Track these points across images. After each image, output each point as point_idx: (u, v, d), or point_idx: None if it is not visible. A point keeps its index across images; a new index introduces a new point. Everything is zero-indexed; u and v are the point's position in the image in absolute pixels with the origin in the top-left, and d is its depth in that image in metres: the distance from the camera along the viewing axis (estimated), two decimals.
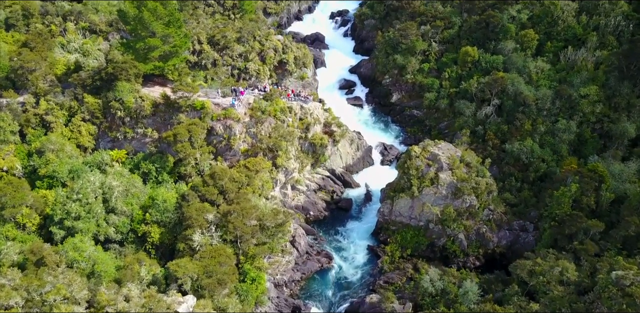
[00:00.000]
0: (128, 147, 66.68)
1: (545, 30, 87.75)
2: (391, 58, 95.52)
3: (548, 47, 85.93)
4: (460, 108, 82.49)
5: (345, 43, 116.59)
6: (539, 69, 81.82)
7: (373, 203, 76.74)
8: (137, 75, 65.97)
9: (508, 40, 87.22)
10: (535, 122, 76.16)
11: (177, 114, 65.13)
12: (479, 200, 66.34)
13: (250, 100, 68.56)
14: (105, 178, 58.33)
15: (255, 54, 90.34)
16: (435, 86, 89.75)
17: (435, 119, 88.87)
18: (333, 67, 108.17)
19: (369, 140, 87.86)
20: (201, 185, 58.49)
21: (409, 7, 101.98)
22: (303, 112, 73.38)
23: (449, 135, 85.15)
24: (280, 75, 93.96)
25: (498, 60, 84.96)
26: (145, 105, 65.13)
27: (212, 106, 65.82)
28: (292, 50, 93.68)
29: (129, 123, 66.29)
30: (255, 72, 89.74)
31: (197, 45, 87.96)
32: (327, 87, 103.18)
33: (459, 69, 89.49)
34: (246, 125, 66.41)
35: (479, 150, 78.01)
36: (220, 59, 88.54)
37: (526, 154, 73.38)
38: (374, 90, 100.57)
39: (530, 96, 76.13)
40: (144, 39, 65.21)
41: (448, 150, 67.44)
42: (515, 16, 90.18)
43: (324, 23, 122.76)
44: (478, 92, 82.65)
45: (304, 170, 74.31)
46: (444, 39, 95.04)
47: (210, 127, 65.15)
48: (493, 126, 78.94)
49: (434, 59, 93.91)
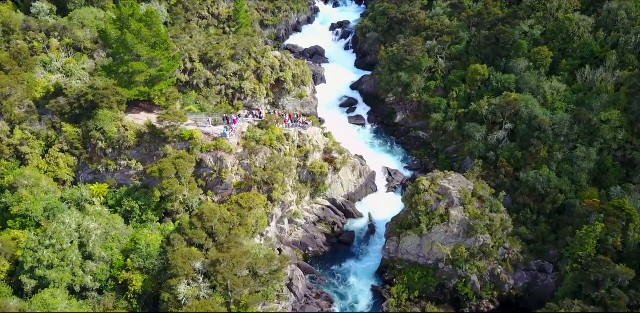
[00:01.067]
0: (110, 180, 61.17)
1: (560, 46, 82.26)
2: (395, 75, 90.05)
3: (563, 65, 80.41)
4: (470, 131, 76.91)
5: (346, 57, 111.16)
6: (554, 90, 76.28)
7: (377, 236, 71.14)
8: (121, 102, 60.51)
9: (520, 57, 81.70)
10: (551, 148, 70.62)
11: (163, 145, 59.64)
12: (493, 238, 60.77)
13: (244, 128, 63.06)
14: (83, 220, 52.74)
15: (250, 72, 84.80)
16: (442, 106, 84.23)
17: (442, 142, 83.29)
18: (333, 83, 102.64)
19: (371, 163, 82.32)
20: (188, 227, 52.93)
21: (414, 20, 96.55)
22: (301, 139, 67.89)
23: (458, 160, 79.66)
24: (278, 94, 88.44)
25: (510, 79, 79.43)
26: (128, 135, 59.62)
27: (201, 136, 60.31)
28: (290, 67, 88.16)
29: (111, 154, 60.79)
30: (251, 91, 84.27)
31: (188, 63, 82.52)
32: (328, 104, 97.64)
33: (468, 88, 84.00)
34: (239, 157, 60.89)
35: (491, 178, 72.50)
36: (214, 78, 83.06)
37: (542, 184, 67.78)
38: (376, 108, 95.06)
39: (547, 121, 70.58)
40: (128, 62, 59.72)
41: (459, 183, 61.88)
42: (527, 32, 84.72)
43: (324, 35, 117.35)
44: (489, 115, 77.11)
45: (302, 201, 68.78)
46: (452, 55, 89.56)
47: (200, 160, 59.63)
48: (506, 152, 73.38)
49: (441, 77, 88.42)
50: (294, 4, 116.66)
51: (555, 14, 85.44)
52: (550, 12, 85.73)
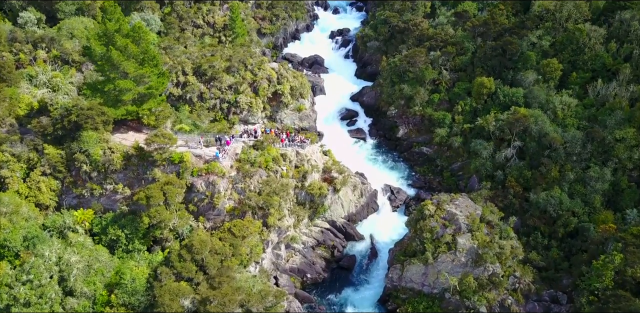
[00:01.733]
0: (96, 205, 57.49)
1: (570, 58, 78.62)
2: (397, 87, 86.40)
3: (573, 78, 76.78)
4: (476, 148, 73.27)
5: (346, 66, 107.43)
6: (564, 105, 72.60)
7: (379, 260, 67.48)
8: (106, 122, 56.83)
9: (528, 70, 78.06)
10: (563, 168, 66.97)
11: (151, 168, 55.99)
12: (503, 267, 57.11)
13: (238, 149, 59.41)
14: (64, 252, 49.07)
15: (246, 85, 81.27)
16: (446, 121, 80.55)
17: (447, 158, 79.61)
18: (333, 94, 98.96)
19: (373, 180, 78.65)
20: (176, 260, 49.27)
21: (416, 30, 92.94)
22: (299, 158, 64.27)
23: (463, 178, 76.00)
24: (275, 107, 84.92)
25: (518, 93, 75.80)
26: (114, 158, 55.95)
27: (192, 159, 56.66)
28: (287, 80, 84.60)
29: (97, 178, 57.11)
30: (247, 105, 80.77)
31: (181, 76, 79.05)
32: (327, 117, 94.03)
33: (474, 102, 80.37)
34: (232, 181, 57.23)
35: (499, 198, 68.85)
36: (208, 92, 79.57)
37: (554, 206, 64.12)
38: (378, 121, 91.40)
39: (558, 139, 66.92)
40: (114, 80, 56.08)
41: (466, 208, 58.24)
42: (535, 43, 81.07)
43: (323, 43, 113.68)
44: (496, 131, 73.48)
45: (300, 224, 65.13)
46: (456, 67, 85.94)
47: (191, 184, 55.95)
48: (514, 171, 69.72)
49: (445, 89, 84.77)
50: (292, 11, 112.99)
51: (564, 24, 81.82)
52: (559, 22, 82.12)
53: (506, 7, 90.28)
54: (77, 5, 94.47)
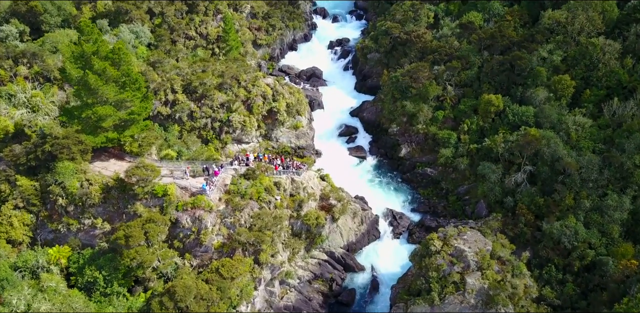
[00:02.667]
0: (73, 240, 52.99)
1: (583, 74, 74.09)
2: (399, 104, 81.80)
3: (587, 96, 72.22)
4: (484, 172, 68.62)
5: (345, 78, 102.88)
6: (578, 126, 67.96)
7: (381, 294, 62.89)
8: (84, 151, 52.35)
9: (539, 87, 73.48)
10: (578, 195, 62.35)
11: (133, 202, 51.50)
12: (516, 308, 52.45)
13: (227, 180, 54.87)
14: (34, 300, 44.48)
15: (240, 103, 76.80)
16: (452, 140, 75.92)
17: (452, 181, 74.98)
18: (332, 108, 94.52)
19: (374, 204, 74.20)
20: (157, 308, 44.69)
21: (419, 42, 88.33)
22: (294, 186, 59.73)
23: (470, 203, 71.34)
24: (270, 125, 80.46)
25: (528, 112, 71.18)
26: (92, 191, 51.44)
27: (177, 191, 52.14)
28: (283, 96, 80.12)
29: (74, 212, 52.63)
30: (240, 124, 76.33)
31: (170, 94, 74.57)
32: (325, 134, 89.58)
33: (480, 120, 75.74)
34: (221, 215, 52.69)
35: (509, 226, 64.37)
36: (198, 111, 75.04)
37: (569, 237, 59.50)
38: (379, 138, 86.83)
39: (572, 164, 62.28)
40: (92, 106, 51.56)
41: (476, 243, 53.64)
42: (546, 57, 76.42)
43: (321, 54, 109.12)
44: (505, 153, 68.89)
45: (295, 257, 60.55)
46: (461, 82, 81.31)
47: (175, 219, 51.39)
48: (525, 197, 65.09)
49: (450, 106, 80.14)
50: (290, 21, 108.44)
51: (576, 38, 77.21)
52: (571, 35, 77.52)
53: (514, 18, 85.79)
54: (63, 17, 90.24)
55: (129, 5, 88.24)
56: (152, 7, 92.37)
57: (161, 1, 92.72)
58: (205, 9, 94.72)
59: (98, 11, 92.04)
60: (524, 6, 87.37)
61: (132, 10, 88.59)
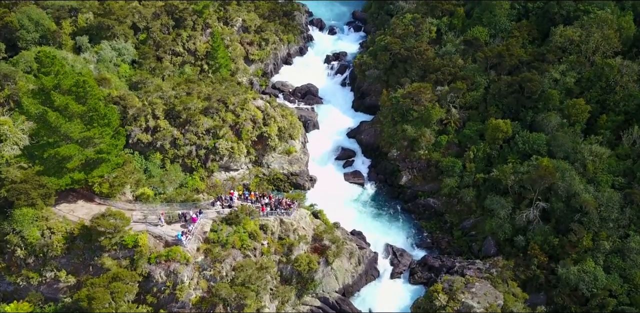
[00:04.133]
0: (34, 295, 47.34)
1: (599, 98, 68.48)
2: (399, 127, 76.09)
3: (603, 122, 66.60)
4: (492, 207, 62.95)
5: (342, 95, 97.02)
6: (595, 156, 62.27)
7: None
8: (46, 195, 46.62)
9: (551, 112, 67.81)
10: (597, 236, 56.78)
11: (100, 253, 45.79)
12: None
13: (206, 226, 49.14)
14: None
15: (227, 128, 71.22)
16: (456, 169, 70.18)
17: (457, 214, 69.23)
18: (328, 129, 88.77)
19: (372, 239, 68.61)
20: None
21: (420, 59, 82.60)
22: (283, 228, 54.09)
23: (477, 239, 65.58)
24: (261, 151, 74.90)
25: (540, 140, 65.47)
26: (55, 241, 45.86)
27: (150, 241, 46.47)
28: (275, 120, 74.52)
29: (34, 263, 46.98)
30: (227, 151, 70.76)
31: (151, 120, 68.95)
32: (321, 157, 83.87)
33: (487, 147, 70.07)
34: (199, 267, 47.05)
35: (520, 268, 58.84)
36: (182, 137, 69.52)
37: (587, 283, 54.01)
38: (378, 163, 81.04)
39: (590, 202, 56.64)
40: (54, 145, 45.89)
41: (485, 297, 48.11)
42: (558, 79, 70.69)
43: (317, 68, 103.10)
44: (515, 185, 63.18)
45: (285, 306, 54.71)
46: (466, 104, 75.68)
47: (148, 273, 45.67)
48: (538, 236, 59.51)
49: (454, 130, 74.48)
50: (284, 34, 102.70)
51: (591, 58, 71.54)
52: (585, 55, 71.82)
53: (522, 33, 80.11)
54: (41, 33, 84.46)
55: (111, 20, 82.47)
56: (137, 21, 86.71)
57: (146, 15, 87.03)
58: (193, 24, 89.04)
59: (79, 26, 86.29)
60: (533, 21, 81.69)
61: (115, 25, 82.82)
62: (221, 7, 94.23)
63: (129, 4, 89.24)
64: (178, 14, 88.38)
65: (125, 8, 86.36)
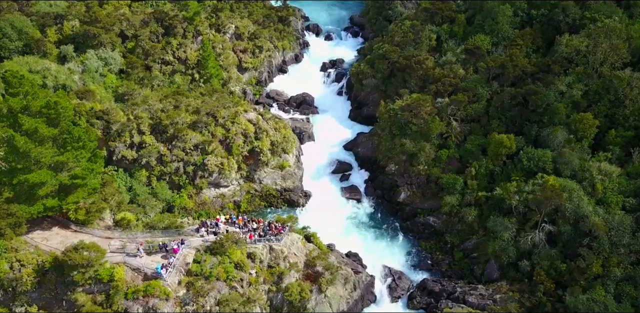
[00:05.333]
0: None
1: (607, 111, 65.15)
2: (397, 141, 72.71)
3: (611, 137, 63.24)
4: (495, 229, 59.58)
5: (339, 105, 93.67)
6: (604, 175, 58.89)
7: None
8: (16, 224, 43.29)
9: (557, 127, 64.43)
10: (607, 262, 53.44)
11: (73, 288, 42.43)
12: None
13: (189, 257, 45.78)
14: None
15: (217, 143, 67.98)
16: (457, 186, 66.77)
17: (458, 234, 65.86)
18: (324, 140, 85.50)
19: (368, 258, 65.53)
20: None
21: (420, 68, 79.16)
22: (273, 255, 50.75)
23: (479, 261, 62.21)
24: (253, 166, 71.72)
25: (545, 157, 62.06)
26: (24, 274, 42.55)
27: (127, 275, 43.14)
28: (267, 134, 71.26)
29: (4, 298, 43.61)
30: (216, 167, 67.43)
31: (136, 136, 65.61)
32: (316, 170, 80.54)
33: (490, 163, 66.69)
34: (180, 302, 43.71)
35: (525, 295, 55.70)
36: (169, 154, 66.30)
37: None
38: (375, 177, 77.66)
39: (600, 226, 53.32)
40: (24, 171, 42.53)
41: None
42: (564, 92, 67.30)
43: (314, 76, 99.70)
44: (520, 205, 59.78)
45: None
46: (468, 116, 72.27)
47: (125, 310, 42.30)
48: (544, 261, 56.19)
49: (455, 144, 71.10)
50: (279, 40, 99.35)
51: (599, 69, 68.12)
52: (593, 66, 68.42)
53: (525, 42, 76.72)
54: (25, 41, 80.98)
55: (97, 28, 79.00)
56: (125, 29, 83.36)
57: (135, 23, 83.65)
58: (183, 31, 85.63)
59: (65, 34, 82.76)
60: (537, 29, 78.23)
61: (101, 33, 79.35)
62: (213, 13, 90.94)
63: (117, 10, 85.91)
64: (168, 21, 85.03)
65: (113, 15, 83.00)
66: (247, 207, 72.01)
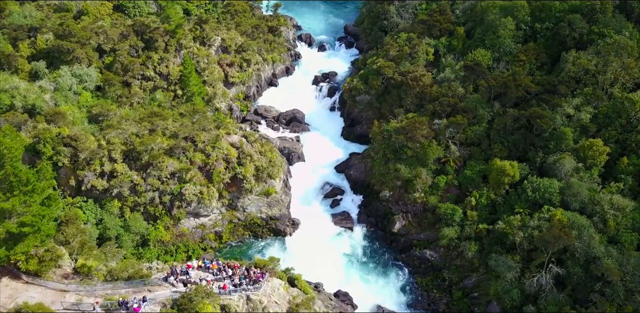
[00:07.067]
0: None
1: (618, 137, 60.10)
2: (392, 166, 67.68)
3: (623, 166, 58.23)
4: (498, 268, 54.45)
5: (331, 122, 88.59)
6: (616, 210, 53.77)
7: None
8: None
9: (564, 154, 59.44)
10: (621, 309, 48.25)
11: None
12: None
13: None
14: None
15: (195, 171, 62.88)
16: (456, 217, 61.72)
17: (457, 270, 60.83)
18: (315, 160, 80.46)
19: (360, 296, 60.73)
20: None
21: (416, 85, 74.05)
22: (251, 307, 45.51)
23: (480, 302, 57.19)
24: (235, 193, 66.64)
25: (552, 188, 57.01)
26: None
27: None
28: (251, 159, 66.18)
29: None
30: (195, 196, 62.27)
31: (107, 164, 60.33)
32: (306, 195, 75.57)
33: (491, 192, 61.63)
34: None
35: None
36: (143, 183, 61.10)
37: None
38: (369, 203, 72.61)
39: (614, 271, 48.18)
40: None
41: None
42: (572, 115, 62.22)
43: (305, 90, 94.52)
44: (524, 241, 54.70)
45: None
46: (467, 140, 67.25)
47: None
48: (552, 306, 51.15)
49: (454, 170, 66.02)
50: (268, 53, 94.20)
51: (609, 90, 63.06)
52: (603, 87, 63.35)
53: (529, 57, 71.69)
54: None
55: (71, 43, 73.69)
56: (102, 43, 78.01)
57: (113, 37, 78.38)
58: (165, 45, 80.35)
59: (38, 48, 77.39)
60: (541, 44, 73.20)
61: (76, 48, 74.05)
62: (197, 25, 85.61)
63: (94, 22, 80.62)
64: (148, 35, 79.69)
65: (89, 28, 77.66)
66: (230, 238, 67.06)
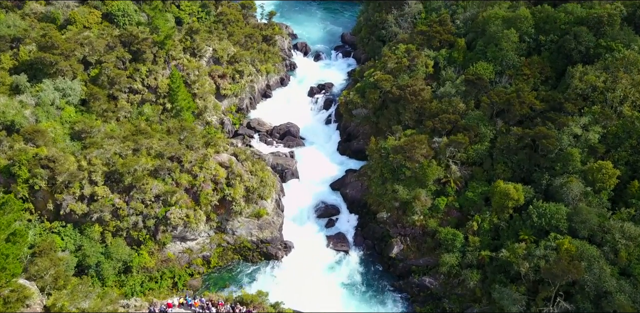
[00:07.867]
0: None
1: (629, 158, 56.83)
2: (389, 187, 64.34)
3: (634, 189, 54.83)
4: (502, 301, 51.05)
5: (327, 136, 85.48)
6: (628, 239, 50.45)
7: None
8: None
9: (571, 176, 56.07)
10: None
11: None
12: None
13: None
14: None
15: (181, 193, 59.45)
16: (457, 243, 58.39)
17: (458, 299, 57.47)
18: (309, 176, 77.17)
19: None
20: None
21: (415, 100, 70.74)
22: None
23: None
24: (224, 215, 63.21)
25: (559, 214, 53.66)
26: None
27: None
28: (241, 179, 62.81)
29: None
30: (181, 220, 58.87)
31: (87, 187, 56.92)
32: (299, 214, 72.32)
33: (494, 217, 58.26)
34: None
35: None
36: (125, 206, 57.70)
37: None
38: (366, 224, 69.28)
39: (627, 308, 44.78)
40: None
41: None
42: (579, 135, 58.91)
43: (300, 102, 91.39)
44: (530, 272, 51.33)
45: None
46: (469, 159, 63.93)
47: None
48: None
49: (454, 191, 62.68)
50: (262, 63, 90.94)
51: (618, 109, 59.74)
52: (612, 105, 60.05)
53: (532, 71, 68.35)
54: None
55: (54, 56, 70.21)
56: (88, 55, 74.55)
57: (98, 48, 74.96)
58: (153, 56, 76.91)
59: (21, 60, 73.93)
60: (546, 57, 69.81)
61: (59, 61, 70.62)
62: (188, 35, 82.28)
63: (80, 33, 77.19)
64: (136, 46, 76.14)
65: (73, 39, 74.18)
66: (219, 262, 63.67)
